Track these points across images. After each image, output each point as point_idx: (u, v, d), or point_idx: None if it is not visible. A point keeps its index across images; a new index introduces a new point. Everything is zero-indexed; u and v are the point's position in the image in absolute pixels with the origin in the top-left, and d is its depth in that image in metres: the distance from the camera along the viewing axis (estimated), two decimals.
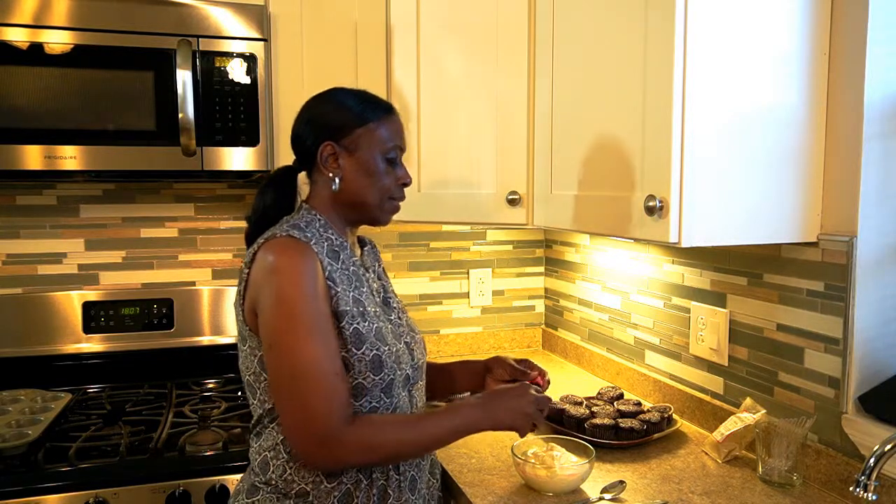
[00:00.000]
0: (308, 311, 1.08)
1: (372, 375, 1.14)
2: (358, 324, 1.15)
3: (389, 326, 1.23)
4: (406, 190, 1.29)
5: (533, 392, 1.22)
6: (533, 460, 1.33)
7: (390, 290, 1.35)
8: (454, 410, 1.17)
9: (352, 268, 1.21)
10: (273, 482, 1.15)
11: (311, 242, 1.13)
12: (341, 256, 1.20)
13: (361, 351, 1.13)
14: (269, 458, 1.16)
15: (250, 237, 1.24)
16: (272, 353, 1.09)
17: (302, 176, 1.28)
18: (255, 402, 1.19)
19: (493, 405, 1.19)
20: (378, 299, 1.27)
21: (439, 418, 1.15)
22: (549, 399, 1.25)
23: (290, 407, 1.07)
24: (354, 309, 1.16)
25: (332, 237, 1.20)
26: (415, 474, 1.23)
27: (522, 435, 1.22)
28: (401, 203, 1.27)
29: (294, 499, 1.13)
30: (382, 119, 1.22)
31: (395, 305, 1.31)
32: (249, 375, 1.18)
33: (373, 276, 1.31)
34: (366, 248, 1.36)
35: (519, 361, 1.41)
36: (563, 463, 1.32)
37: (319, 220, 1.21)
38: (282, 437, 1.14)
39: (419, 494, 1.23)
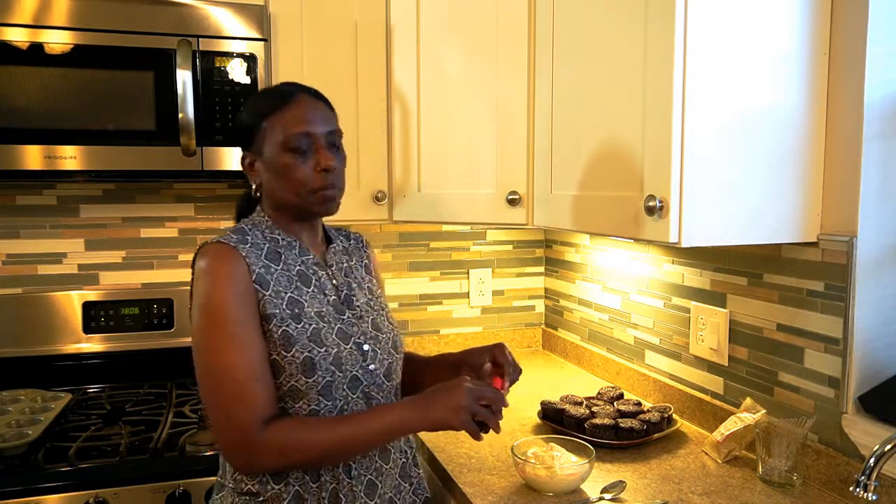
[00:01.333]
0: (226, 318, 1.08)
1: (304, 378, 1.12)
2: (288, 326, 1.13)
3: (338, 326, 1.18)
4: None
5: (468, 384, 1.10)
6: (533, 460, 1.33)
7: (361, 289, 1.28)
8: (384, 409, 1.12)
9: (298, 268, 1.19)
10: (228, 482, 1.16)
11: (247, 245, 1.14)
12: (284, 257, 1.19)
13: (291, 353, 1.12)
14: (223, 460, 1.19)
15: None
16: (194, 358, 1.10)
17: None
18: None
19: (426, 402, 1.11)
20: (332, 298, 1.21)
21: (365, 418, 1.10)
22: (491, 389, 1.12)
23: (210, 412, 1.09)
24: (286, 311, 1.13)
25: (279, 237, 1.20)
26: (373, 478, 1.19)
27: (475, 436, 1.10)
28: (332, 191, 1.18)
29: (248, 497, 1.14)
30: (278, 111, 1.16)
31: (359, 304, 1.25)
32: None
33: (335, 272, 1.25)
34: (334, 245, 1.29)
35: (490, 349, 1.27)
36: (563, 463, 1.32)
37: (266, 221, 1.22)
38: None
39: (382, 499, 1.20)
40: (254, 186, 1.22)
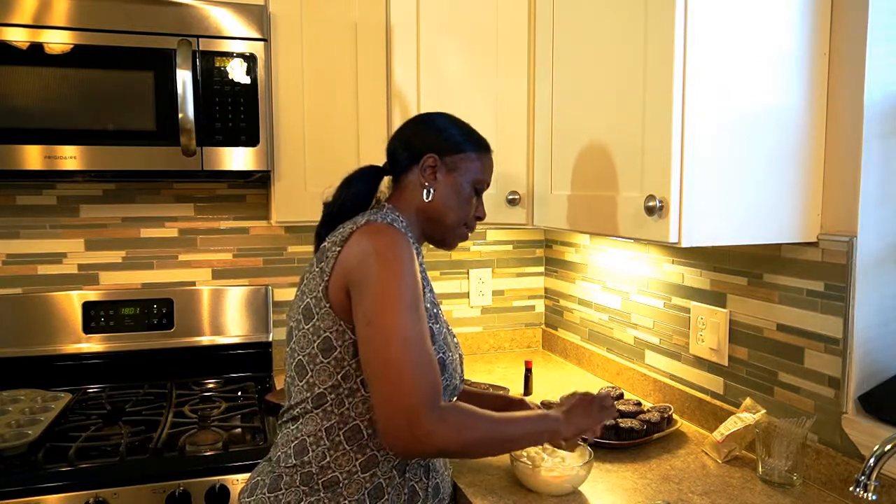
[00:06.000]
0: (419, 295, 1.09)
1: None
2: (432, 324, 1.18)
3: (448, 334, 1.26)
4: None
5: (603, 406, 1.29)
6: (531, 461, 1.33)
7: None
8: (535, 416, 1.19)
9: (424, 273, 1.25)
10: (307, 467, 1.14)
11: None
12: (418, 259, 1.22)
13: None
14: (308, 444, 1.15)
15: (325, 224, 1.27)
16: (374, 327, 1.07)
17: (386, 180, 1.33)
18: (300, 384, 1.17)
19: (570, 415, 1.24)
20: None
21: (524, 423, 1.16)
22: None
23: (387, 381, 1.04)
24: (431, 309, 1.19)
25: (411, 239, 1.23)
26: (438, 482, 1.23)
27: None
28: (468, 236, 1.34)
29: (322, 491, 1.13)
30: (481, 153, 1.31)
31: (443, 318, 1.33)
32: (303, 356, 1.16)
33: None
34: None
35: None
36: (561, 464, 1.32)
37: (402, 221, 1.25)
38: (327, 425, 1.14)
39: (440, 502, 1.25)
40: (432, 191, 1.27)
